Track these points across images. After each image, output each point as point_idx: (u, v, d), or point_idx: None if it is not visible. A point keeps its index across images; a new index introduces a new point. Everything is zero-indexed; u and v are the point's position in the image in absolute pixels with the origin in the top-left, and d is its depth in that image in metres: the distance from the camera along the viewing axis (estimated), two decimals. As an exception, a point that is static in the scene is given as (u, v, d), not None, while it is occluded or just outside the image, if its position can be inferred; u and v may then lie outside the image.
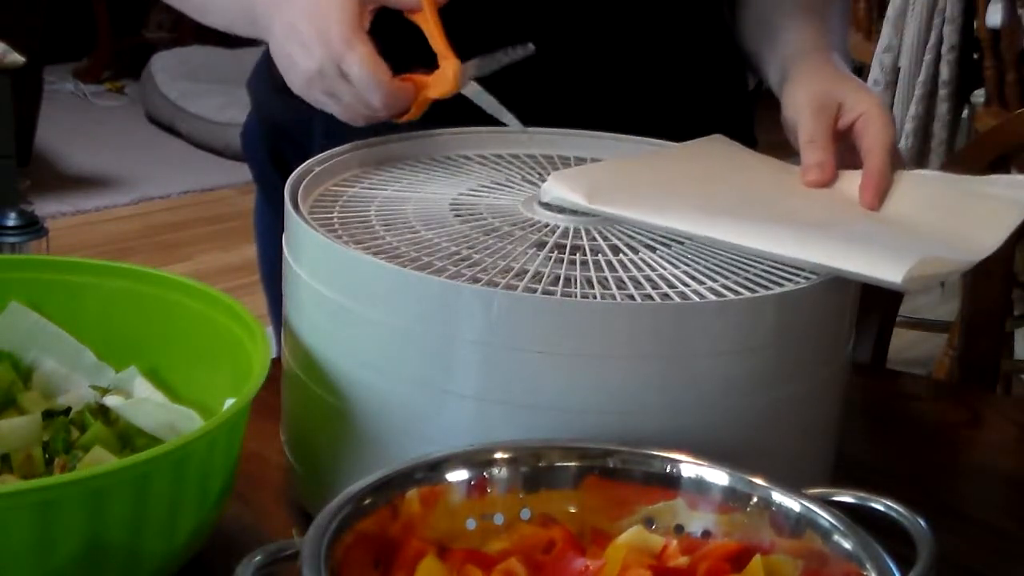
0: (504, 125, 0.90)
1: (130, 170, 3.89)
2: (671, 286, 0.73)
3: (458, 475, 0.65)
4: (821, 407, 0.77)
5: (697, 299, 0.71)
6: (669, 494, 0.66)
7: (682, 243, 0.79)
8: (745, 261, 0.77)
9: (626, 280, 0.73)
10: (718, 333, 0.69)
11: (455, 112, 0.91)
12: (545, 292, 0.71)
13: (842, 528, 0.61)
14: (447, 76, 0.86)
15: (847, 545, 0.60)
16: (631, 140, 0.97)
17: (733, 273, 0.75)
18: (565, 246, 0.77)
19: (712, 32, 1.11)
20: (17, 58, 2.94)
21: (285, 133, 1.12)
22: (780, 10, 1.05)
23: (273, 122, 1.14)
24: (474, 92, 0.88)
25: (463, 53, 0.88)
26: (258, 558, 0.57)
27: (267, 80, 1.15)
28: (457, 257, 0.75)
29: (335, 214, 0.80)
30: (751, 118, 1.19)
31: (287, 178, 0.82)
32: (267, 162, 1.14)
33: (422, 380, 0.70)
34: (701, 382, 0.70)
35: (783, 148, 0.96)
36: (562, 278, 0.73)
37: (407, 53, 0.87)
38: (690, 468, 0.66)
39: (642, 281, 0.73)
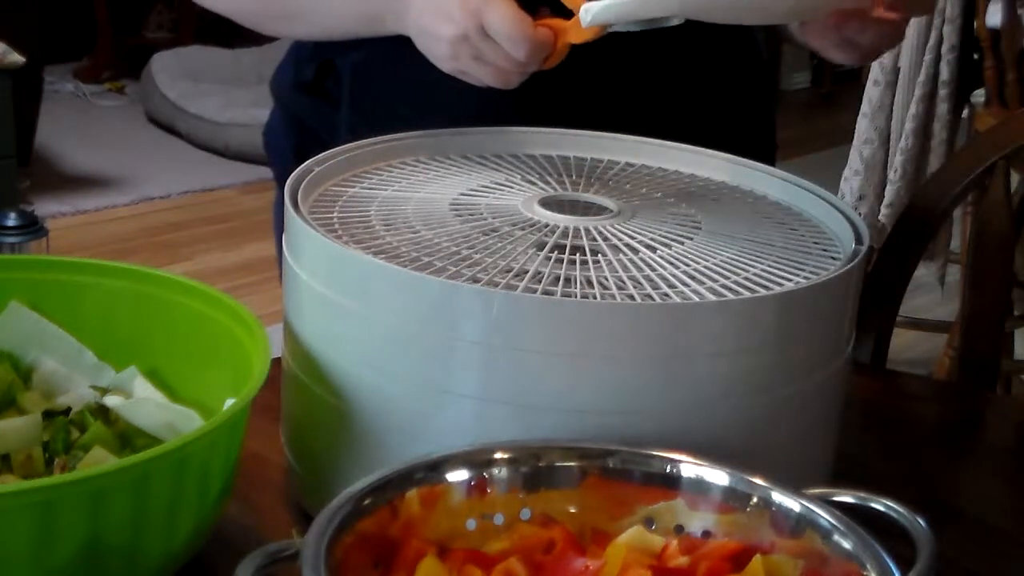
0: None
1: (130, 170, 3.89)
2: (671, 286, 0.73)
3: (458, 475, 0.65)
4: (821, 407, 0.77)
5: (697, 299, 0.71)
6: (669, 494, 0.66)
7: (682, 243, 0.79)
8: (745, 261, 0.78)
9: (626, 280, 0.73)
10: (718, 333, 0.69)
11: (468, 112, 0.92)
12: (545, 292, 0.71)
13: (842, 528, 0.61)
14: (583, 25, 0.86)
15: (847, 545, 0.60)
16: (631, 140, 0.97)
17: (733, 273, 0.75)
18: (565, 246, 0.77)
19: (737, 36, 1.11)
20: (17, 58, 2.94)
21: (310, 131, 1.12)
22: None
23: (298, 121, 1.15)
24: (610, 27, 0.87)
25: None
26: (258, 558, 0.57)
27: (292, 79, 1.15)
28: (457, 257, 0.75)
29: (335, 214, 0.80)
30: (772, 120, 1.19)
31: None
32: (292, 161, 1.15)
33: (422, 380, 0.70)
34: (701, 382, 0.70)
35: (798, 144, 0.97)
36: (562, 278, 0.73)
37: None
38: (690, 468, 0.66)
39: (642, 281, 0.73)
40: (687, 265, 0.76)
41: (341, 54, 1.10)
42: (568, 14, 0.89)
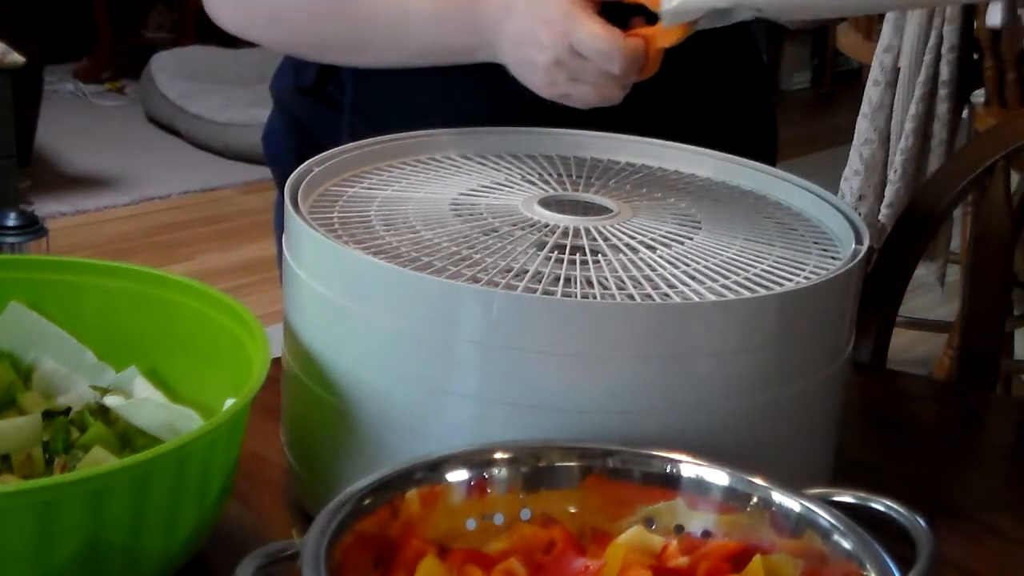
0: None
1: (130, 170, 3.89)
2: (671, 286, 0.73)
3: (458, 475, 0.65)
4: (821, 407, 0.77)
5: (697, 299, 0.71)
6: (669, 494, 0.66)
7: (682, 243, 0.79)
8: (745, 261, 0.78)
9: (626, 280, 0.73)
10: (718, 333, 0.69)
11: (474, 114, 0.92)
12: (545, 292, 0.71)
13: (842, 528, 0.61)
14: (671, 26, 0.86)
15: (847, 545, 0.60)
16: (631, 140, 0.97)
17: (733, 273, 0.75)
18: (565, 246, 0.77)
19: (737, 37, 1.11)
20: (17, 58, 2.94)
21: (311, 134, 1.12)
22: None
23: (299, 124, 1.15)
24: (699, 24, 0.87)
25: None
26: (258, 558, 0.57)
27: (292, 82, 1.15)
28: (457, 257, 0.75)
29: (335, 214, 0.80)
30: (773, 121, 1.19)
31: None
32: (292, 164, 1.15)
33: (422, 380, 0.70)
34: (701, 382, 0.70)
35: (798, 144, 0.97)
36: (562, 278, 0.73)
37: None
38: (690, 468, 0.66)
39: (642, 281, 0.73)
40: (687, 265, 0.76)
41: None
42: (655, 19, 0.88)
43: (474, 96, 0.97)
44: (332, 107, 1.11)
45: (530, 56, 0.90)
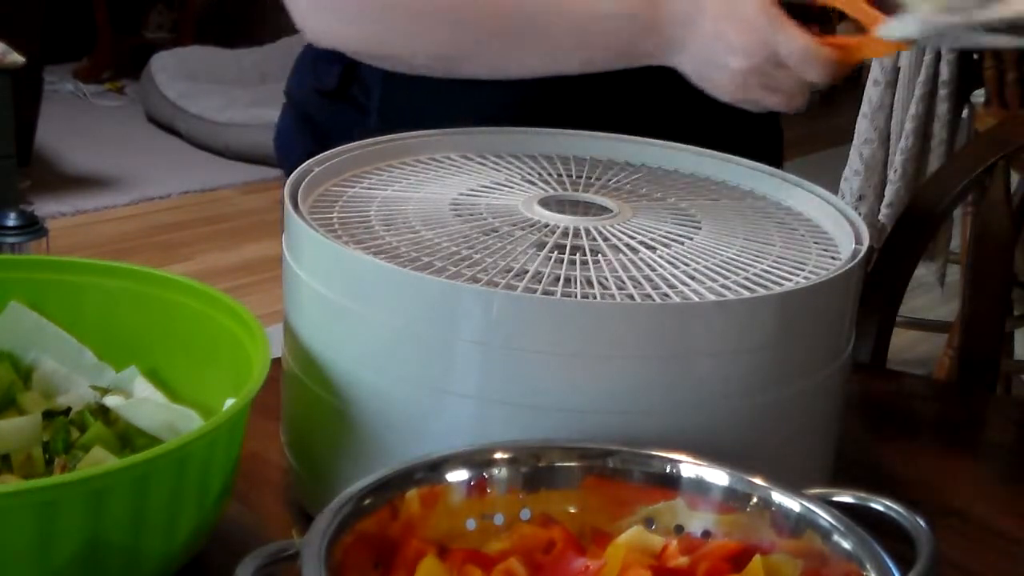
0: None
1: (130, 170, 3.90)
2: (671, 286, 0.73)
3: (458, 475, 0.65)
4: (821, 407, 0.77)
5: (697, 299, 0.71)
6: (669, 494, 0.66)
7: (682, 243, 0.79)
8: (745, 261, 0.78)
9: (626, 280, 0.73)
10: (718, 333, 0.69)
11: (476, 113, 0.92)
12: (545, 292, 0.71)
13: (842, 528, 0.61)
14: (880, 40, 0.86)
15: (847, 545, 0.60)
16: (631, 140, 0.97)
17: (733, 273, 0.75)
18: (565, 246, 0.77)
19: None
20: (17, 58, 2.95)
21: (327, 136, 1.11)
22: None
23: (315, 125, 1.13)
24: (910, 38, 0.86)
25: None
26: (258, 558, 0.57)
27: (311, 83, 1.13)
28: (457, 257, 0.75)
29: (335, 214, 0.80)
30: (778, 124, 1.19)
31: None
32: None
33: (422, 380, 0.70)
34: (701, 382, 0.70)
35: (798, 144, 0.97)
36: (562, 278, 0.73)
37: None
38: (690, 468, 0.66)
39: (642, 281, 0.73)
40: (687, 265, 0.76)
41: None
42: (826, 21, 0.89)
43: (504, 97, 0.96)
44: (355, 109, 1.10)
45: (722, 60, 0.89)
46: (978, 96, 2.47)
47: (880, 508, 0.63)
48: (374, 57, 0.99)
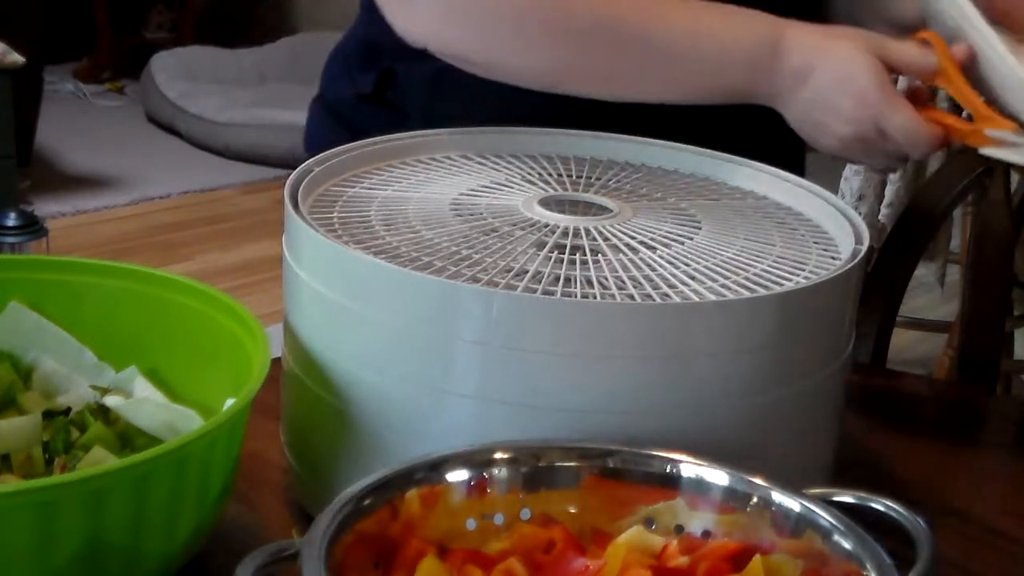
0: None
1: (130, 170, 3.90)
2: (671, 286, 0.73)
3: (458, 475, 0.65)
4: (821, 407, 0.77)
5: (697, 299, 0.71)
6: (669, 494, 0.66)
7: (682, 243, 0.79)
8: (745, 261, 0.78)
9: (626, 280, 0.73)
10: (718, 333, 0.69)
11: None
12: (545, 292, 0.71)
13: (842, 528, 0.61)
14: (986, 135, 0.88)
15: (847, 545, 0.60)
16: (631, 140, 0.97)
17: (733, 273, 0.75)
18: (565, 246, 0.77)
19: None
20: (17, 58, 2.95)
21: (365, 136, 1.11)
22: None
23: (351, 126, 1.13)
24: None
25: None
26: (258, 558, 0.57)
27: (348, 87, 1.13)
28: (457, 257, 0.75)
29: (335, 214, 0.80)
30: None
31: None
32: None
33: (422, 380, 0.70)
34: (701, 382, 0.70)
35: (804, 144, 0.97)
36: (562, 278, 0.73)
37: None
38: (690, 468, 0.66)
39: (642, 281, 0.73)
40: (687, 265, 0.76)
41: (402, 61, 1.07)
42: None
43: (553, 100, 0.95)
44: (393, 112, 1.10)
45: (830, 124, 0.91)
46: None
47: (880, 508, 0.63)
48: (472, 64, 0.97)
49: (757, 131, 1.00)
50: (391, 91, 1.10)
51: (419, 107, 1.08)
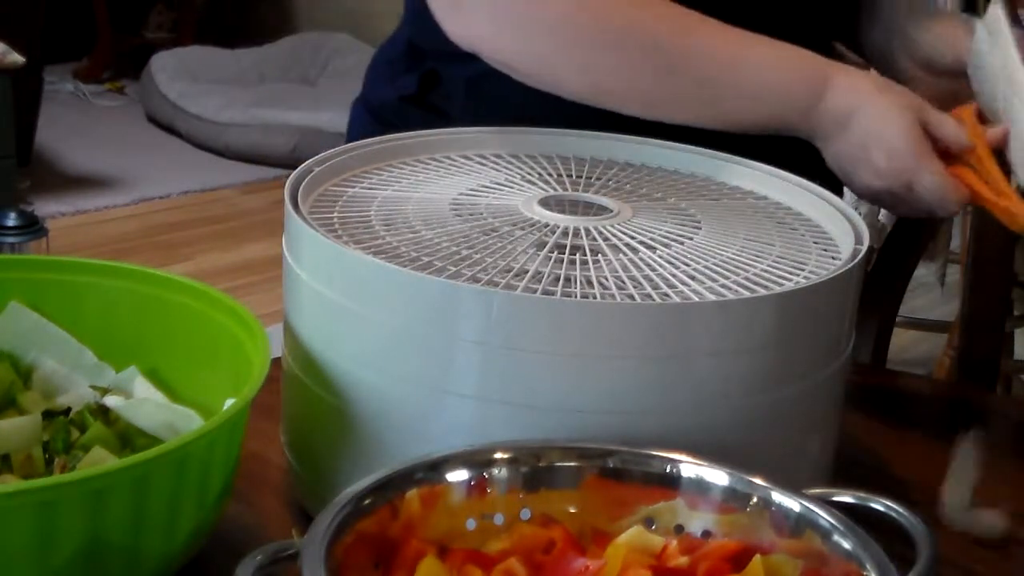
0: None
1: (130, 170, 3.89)
2: (671, 286, 0.73)
3: (458, 475, 0.65)
4: (821, 407, 0.77)
5: (697, 299, 0.71)
6: (669, 494, 0.66)
7: (682, 243, 0.79)
8: (745, 261, 0.78)
9: (626, 280, 0.73)
10: (718, 333, 0.69)
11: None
12: (545, 292, 0.71)
13: (842, 528, 0.61)
14: (1013, 212, 0.88)
15: (847, 545, 0.60)
16: (631, 140, 0.97)
17: (733, 273, 0.75)
18: (565, 246, 0.77)
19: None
20: (17, 58, 2.95)
21: None
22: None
23: (395, 129, 1.13)
24: None
25: None
26: (258, 558, 0.57)
27: (391, 90, 1.13)
28: (457, 257, 0.75)
29: (335, 214, 0.80)
30: None
31: None
32: None
33: (422, 380, 0.70)
34: (701, 382, 0.70)
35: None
36: (562, 278, 0.73)
37: None
38: (690, 468, 0.66)
39: (642, 281, 0.74)
40: (687, 265, 0.76)
41: (444, 63, 1.08)
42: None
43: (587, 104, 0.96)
44: (437, 115, 1.10)
45: (860, 175, 0.92)
46: (978, 96, 2.46)
47: (880, 508, 0.63)
48: (517, 71, 0.97)
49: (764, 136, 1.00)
50: (433, 93, 1.11)
51: (460, 108, 1.08)
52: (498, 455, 0.66)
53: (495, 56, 0.97)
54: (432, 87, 1.11)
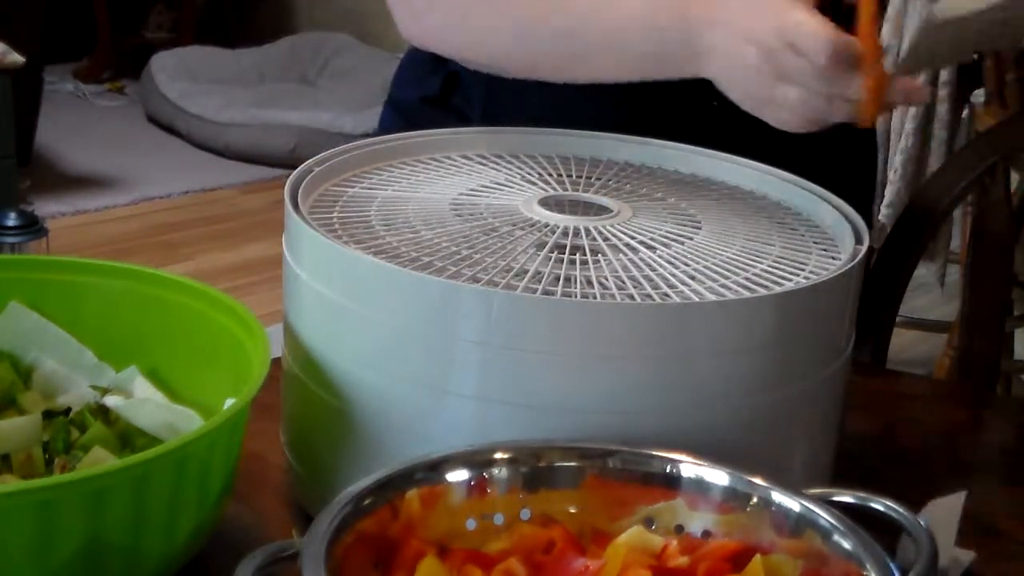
0: None
1: (130, 170, 3.89)
2: (671, 286, 0.73)
3: (458, 475, 0.65)
4: (821, 407, 0.77)
5: (697, 299, 0.71)
6: (669, 494, 0.66)
7: (682, 243, 0.79)
8: (745, 261, 0.78)
9: (626, 280, 0.73)
10: (718, 333, 0.69)
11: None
12: (545, 292, 0.71)
13: (842, 528, 0.61)
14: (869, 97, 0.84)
15: (847, 545, 0.60)
16: (631, 140, 0.97)
17: (733, 273, 0.75)
18: (565, 246, 0.77)
19: None
20: (17, 58, 2.95)
21: None
22: None
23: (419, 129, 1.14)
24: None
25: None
26: (258, 558, 0.57)
27: (415, 91, 1.14)
28: (457, 257, 0.75)
29: (335, 214, 0.80)
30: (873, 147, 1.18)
31: None
32: None
33: (422, 380, 0.70)
34: (701, 382, 0.70)
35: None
36: (562, 278, 0.73)
37: None
38: (690, 468, 0.66)
39: (642, 281, 0.74)
40: (687, 265, 0.76)
41: (465, 65, 1.09)
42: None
43: (611, 104, 0.95)
44: (457, 116, 1.11)
45: (739, 50, 0.87)
46: (978, 96, 2.46)
47: (880, 508, 0.63)
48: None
49: (760, 131, 0.99)
50: (455, 95, 1.13)
51: (479, 109, 1.10)
52: (498, 455, 0.66)
53: (440, 48, 1.05)
54: (453, 89, 1.13)
